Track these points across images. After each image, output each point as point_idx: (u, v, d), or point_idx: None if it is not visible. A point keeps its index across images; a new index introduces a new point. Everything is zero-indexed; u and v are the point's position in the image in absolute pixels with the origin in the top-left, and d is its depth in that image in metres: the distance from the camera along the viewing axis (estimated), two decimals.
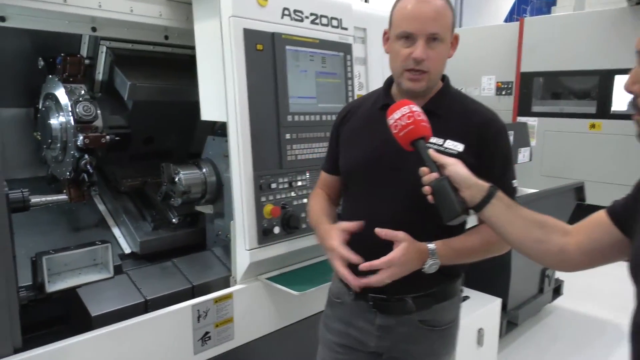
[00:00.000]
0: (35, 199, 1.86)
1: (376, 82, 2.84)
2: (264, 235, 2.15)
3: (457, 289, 1.69)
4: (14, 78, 2.63)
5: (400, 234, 1.42)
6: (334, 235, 1.49)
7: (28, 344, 1.65)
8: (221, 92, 2.15)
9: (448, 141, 1.50)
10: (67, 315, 2.07)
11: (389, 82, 1.70)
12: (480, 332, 3.13)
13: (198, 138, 2.95)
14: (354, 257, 1.43)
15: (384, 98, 1.65)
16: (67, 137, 2.36)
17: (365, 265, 1.40)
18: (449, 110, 1.49)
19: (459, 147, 1.51)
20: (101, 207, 2.77)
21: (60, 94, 2.37)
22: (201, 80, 2.35)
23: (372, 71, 2.87)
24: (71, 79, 2.38)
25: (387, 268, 1.39)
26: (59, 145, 2.39)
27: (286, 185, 2.25)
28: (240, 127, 2.07)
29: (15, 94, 2.67)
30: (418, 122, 1.37)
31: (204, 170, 2.51)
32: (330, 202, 1.81)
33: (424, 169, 1.35)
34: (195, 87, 2.55)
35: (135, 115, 2.58)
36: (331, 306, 1.79)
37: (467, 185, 1.30)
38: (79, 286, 1.76)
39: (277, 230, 2.20)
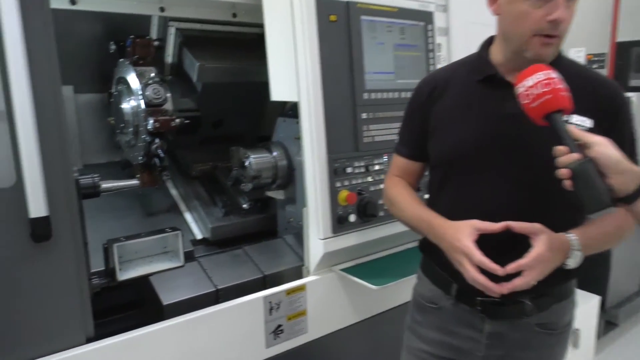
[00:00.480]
0: (106, 185, 1.82)
1: (459, 55, 2.56)
2: (339, 224, 1.99)
3: (574, 286, 1.45)
4: (88, 63, 2.64)
5: (537, 226, 1.23)
6: (467, 234, 1.27)
7: (99, 329, 1.62)
8: (292, 70, 2.00)
9: (575, 116, 1.25)
10: (137, 301, 2.04)
11: (486, 49, 1.45)
12: (576, 333, 2.80)
13: (268, 120, 2.84)
14: (494, 266, 1.22)
15: (485, 68, 1.41)
16: (138, 121, 2.32)
17: (512, 267, 1.20)
18: (570, 81, 1.23)
19: (587, 122, 1.26)
20: (173, 192, 2.75)
21: (131, 77, 2.33)
22: (271, 58, 2.20)
23: (455, 43, 2.59)
24: (141, 62, 2.33)
25: (532, 267, 1.20)
26: (130, 129, 2.36)
27: (362, 170, 2.07)
28: (312, 107, 1.91)
29: (90, 80, 2.68)
30: (557, 90, 1.14)
31: (275, 153, 2.38)
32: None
33: (560, 148, 1.12)
34: (265, 67, 2.42)
35: (204, 98, 2.50)
36: (422, 312, 1.58)
37: (619, 171, 1.07)
38: (150, 274, 1.70)
39: (352, 218, 2.03)
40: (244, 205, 2.61)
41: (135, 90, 2.30)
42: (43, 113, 1.37)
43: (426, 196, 1.62)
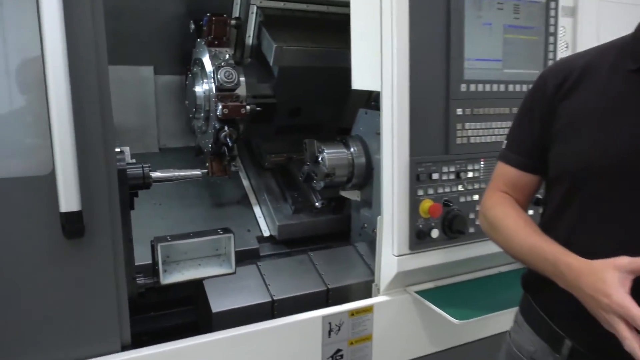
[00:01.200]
0: (160, 174, 1.66)
1: (587, 42, 2.08)
2: (418, 239, 1.68)
3: None
4: (169, 44, 2.54)
5: None
6: (617, 282, 0.92)
7: (139, 326, 1.48)
8: (376, 54, 1.70)
9: None
10: (187, 298, 1.89)
11: None
12: None
13: (351, 111, 2.57)
14: None
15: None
16: (209, 106, 2.16)
17: None
18: None
19: None
20: (245, 183, 2.59)
21: (206, 59, 2.18)
22: (354, 40, 1.92)
23: (583, 26, 2.11)
24: (216, 42, 2.16)
25: None
26: (202, 115, 2.22)
27: (452, 177, 1.73)
28: (396, 98, 1.60)
29: (170, 61, 2.59)
30: None
31: (352, 149, 2.11)
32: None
33: None
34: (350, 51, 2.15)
35: (281, 83, 2.29)
36: None
37: None
38: (197, 280, 1.52)
39: (435, 233, 1.70)
40: (316, 204, 2.37)
41: (209, 72, 2.15)
42: (81, 92, 1.21)
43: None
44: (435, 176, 1.68)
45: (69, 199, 1.17)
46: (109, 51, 2.40)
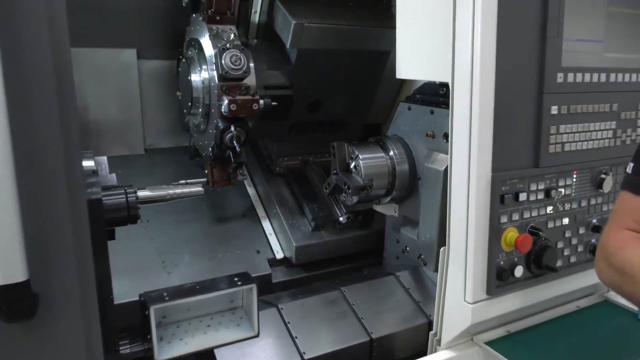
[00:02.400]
0: (148, 193, 1.21)
1: None
2: (499, 280, 1.26)
3: None
4: (155, 20, 2.06)
5: None
6: None
7: None
8: (442, 33, 1.26)
9: None
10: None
11: None
12: None
13: (379, 103, 2.13)
14: None
15: None
16: (210, 100, 1.70)
17: None
18: None
19: None
20: (251, 192, 2.15)
21: (205, 40, 1.71)
22: (402, 15, 1.47)
23: None
24: (218, 18, 1.69)
25: None
26: (200, 110, 1.76)
27: (540, 196, 1.31)
28: (478, 93, 1.17)
29: (158, 42, 2.11)
30: None
31: (392, 153, 1.67)
32: None
33: None
34: (388, 29, 1.71)
35: (299, 70, 1.84)
36: None
37: None
38: (206, 350, 1.08)
39: (519, 271, 1.29)
40: (340, 219, 1.94)
41: (209, 57, 1.68)
42: (26, 86, 0.75)
43: None
44: (522, 197, 1.26)
45: (8, 265, 0.72)
46: (82, 30, 1.92)
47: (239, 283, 1.07)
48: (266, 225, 2.04)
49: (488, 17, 1.15)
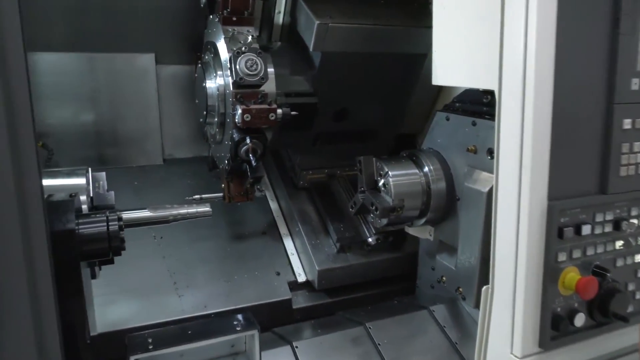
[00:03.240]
0: (148, 214, 1.07)
1: None
2: (555, 330, 1.04)
3: None
4: (174, 23, 1.94)
5: None
6: None
7: None
8: (483, 31, 1.06)
9: None
10: None
11: None
12: None
13: (414, 111, 1.93)
14: None
15: None
16: (225, 108, 1.55)
17: None
18: None
19: None
20: (273, 206, 1.99)
21: (221, 43, 1.56)
22: (440, 13, 1.27)
23: None
24: (235, 19, 1.54)
25: None
26: (215, 119, 1.61)
27: (608, 229, 1.07)
28: (533, 103, 0.95)
29: (176, 46, 1.99)
30: None
31: (426, 169, 1.47)
32: None
33: None
34: (423, 30, 1.52)
35: (324, 76, 1.66)
36: None
37: None
38: None
39: (580, 320, 1.06)
40: (369, 240, 1.75)
41: (224, 61, 1.53)
42: None
43: None
44: (585, 230, 1.04)
45: None
46: (96, 35, 1.81)
47: (239, 329, 0.90)
48: (288, 244, 1.87)
49: (545, 11, 0.94)
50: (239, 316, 0.94)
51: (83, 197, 1.04)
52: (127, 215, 1.13)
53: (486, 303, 1.11)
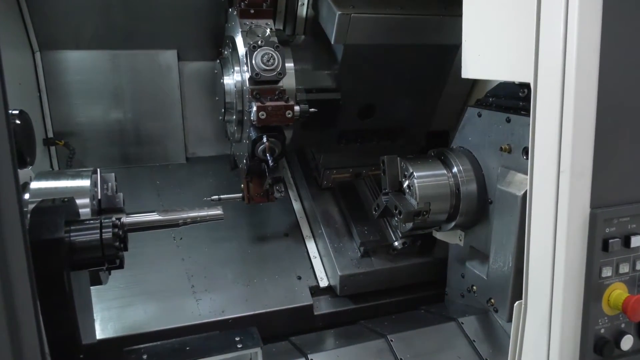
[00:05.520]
0: (155, 217, 1.02)
1: None
2: (598, 354, 0.92)
3: None
4: (196, 18, 1.89)
5: None
6: None
7: None
8: (518, 19, 0.94)
9: None
10: None
11: None
12: None
13: (446, 106, 1.81)
14: None
15: None
16: (242, 105, 1.49)
17: None
18: None
19: None
20: (296, 207, 1.92)
21: (239, 38, 1.50)
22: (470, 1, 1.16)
23: None
24: (252, 12, 1.47)
25: None
26: (234, 117, 1.55)
27: None
28: (573, 97, 0.83)
29: (199, 42, 1.95)
30: None
31: (455, 169, 1.36)
32: None
33: None
34: (455, 20, 1.41)
35: (347, 70, 1.57)
36: None
37: None
38: None
39: (627, 342, 0.93)
40: (395, 244, 1.65)
41: (241, 56, 1.47)
42: None
43: None
44: (634, 241, 0.91)
45: None
46: (118, 32, 1.78)
47: (240, 346, 0.83)
48: (311, 246, 1.79)
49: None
50: (242, 332, 0.87)
51: (86, 200, 0.99)
52: (132, 219, 1.09)
53: (519, 320, 1.00)
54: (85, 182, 1.03)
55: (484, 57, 1.13)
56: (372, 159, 1.81)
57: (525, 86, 1.22)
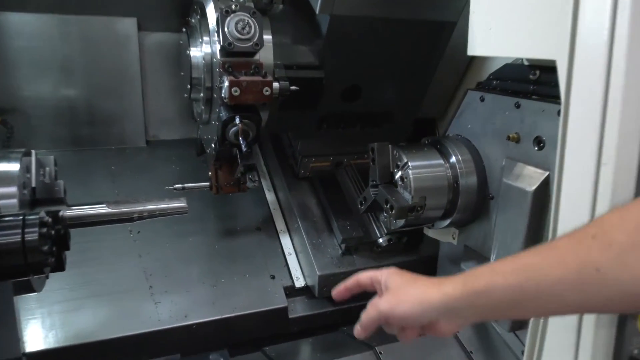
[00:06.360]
0: (103, 210, 0.84)
1: None
2: None
3: None
4: None
5: None
6: None
7: None
8: None
9: None
10: None
11: None
12: None
13: (435, 91, 1.65)
14: None
15: None
16: (212, 82, 1.29)
17: None
18: None
19: None
20: (269, 197, 1.74)
21: (209, 2, 1.29)
22: None
23: None
24: None
25: None
26: (201, 95, 1.35)
27: None
28: (624, 79, 0.68)
29: (162, 10, 1.72)
30: None
31: (454, 160, 1.21)
32: None
33: None
34: None
35: (333, 45, 1.39)
36: None
37: None
38: None
39: None
40: (379, 240, 1.50)
41: (211, 24, 1.26)
42: None
43: None
44: None
45: None
46: None
47: None
48: (286, 242, 1.63)
49: None
50: (212, 356, 0.70)
51: (12, 189, 0.79)
52: (75, 212, 0.89)
53: (535, 337, 0.86)
54: (13, 166, 0.82)
55: (496, 31, 0.97)
56: (355, 146, 1.66)
57: (539, 67, 1.08)
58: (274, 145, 1.76)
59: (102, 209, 0.94)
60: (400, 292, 0.75)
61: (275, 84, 1.19)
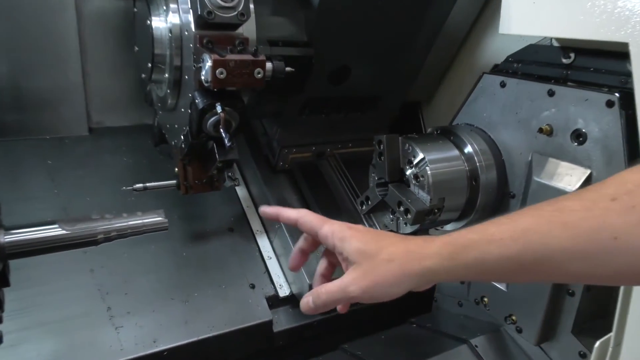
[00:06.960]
0: (56, 232, 0.64)
1: None
2: None
3: None
4: None
5: None
6: None
7: None
8: None
9: None
10: None
11: None
12: None
13: (424, 75, 1.50)
14: None
15: None
16: (181, 60, 1.05)
17: None
18: None
19: None
20: (241, 193, 1.52)
21: None
22: None
23: None
24: None
25: None
26: (166, 75, 1.11)
27: None
28: None
29: None
30: None
31: (471, 151, 1.07)
32: None
33: None
34: None
35: (324, 19, 1.18)
36: None
37: None
38: None
39: None
40: None
41: None
42: None
43: None
44: None
45: None
46: None
47: None
48: (264, 244, 1.43)
49: None
50: None
51: None
52: (16, 237, 0.66)
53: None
54: None
55: (543, 5, 0.82)
56: (339, 134, 1.48)
57: (572, 50, 0.94)
58: (245, 134, 1.54)
59: (54, 231, 0.71)
60: (372, 272, 0.65)
61: (269, 64, 0.97)
